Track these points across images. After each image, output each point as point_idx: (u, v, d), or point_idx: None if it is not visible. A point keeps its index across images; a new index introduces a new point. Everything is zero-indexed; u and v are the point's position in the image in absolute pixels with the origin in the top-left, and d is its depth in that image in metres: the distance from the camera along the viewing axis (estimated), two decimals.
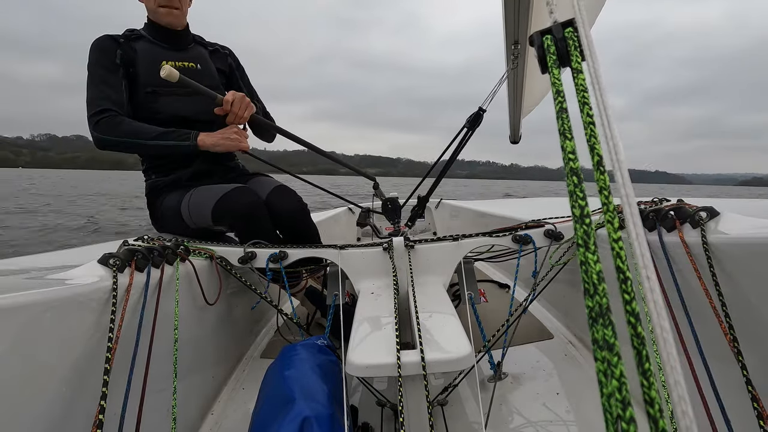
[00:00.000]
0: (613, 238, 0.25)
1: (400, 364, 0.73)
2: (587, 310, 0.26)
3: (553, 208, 1.71)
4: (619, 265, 0.25)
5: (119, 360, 0.67)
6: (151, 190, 1.65)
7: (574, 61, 0.30)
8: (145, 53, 1.56)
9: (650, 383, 0.22)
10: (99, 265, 0.84)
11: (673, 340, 0.22)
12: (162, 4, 1.56)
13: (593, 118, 0.28)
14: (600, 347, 0.25)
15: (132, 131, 1.43)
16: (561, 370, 1.21)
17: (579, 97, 0.29)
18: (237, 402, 1.19)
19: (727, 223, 0.81)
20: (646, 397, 0.22)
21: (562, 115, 0.29)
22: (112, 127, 1.42)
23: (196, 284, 1.08)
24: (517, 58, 1.56)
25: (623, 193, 0.25)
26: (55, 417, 0.62)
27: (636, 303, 0.24)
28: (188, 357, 1.01)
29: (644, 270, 0.23)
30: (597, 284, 0.25)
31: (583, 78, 0.29)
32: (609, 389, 0.24)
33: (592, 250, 0.25)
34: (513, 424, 1.00)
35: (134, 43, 1.55)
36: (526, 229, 1.26)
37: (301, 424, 0.72)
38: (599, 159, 0.27)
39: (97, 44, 1.51)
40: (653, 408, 0.22)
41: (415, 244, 1.23)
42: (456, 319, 0.90)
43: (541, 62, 0.32)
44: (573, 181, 0.27)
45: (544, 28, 0.32)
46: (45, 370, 0.63)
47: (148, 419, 0.69)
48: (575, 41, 0.30)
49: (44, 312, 0.63)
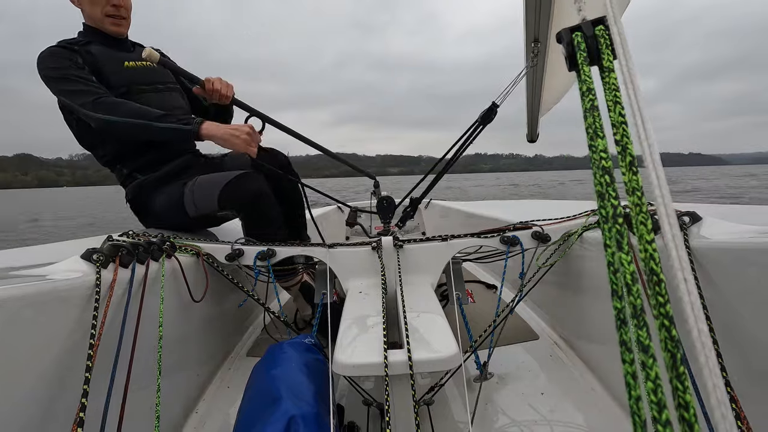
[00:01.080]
0: (646, 240, 0.25)
1: (387, 364, 0.73)
2: (615, 312, 0.26)
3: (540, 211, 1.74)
4: (653, 267, 0.24)
5: (102, 357, 0.64)
6: (138, 190, 1.59)
7: (605, 60, 0.29)
8: (104, 56, 1.50)
9: (685, 387, 0.22)
10: (82, 260, 0.81)
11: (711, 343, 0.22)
12: (109, 14, 1.51)
13: (625, 117, 0.27)
14: (628, 349, 0.24)
15: (135, 111, 1.37)
16: (546, 370, 1.23)
17: (610, 96, 0.28)
18: (222, 400, 1.17)
19: (709, 228, 0.84)
20: (681, 400, 0.22)
21: (594, 113, 0.28)
22: (113, 106, 1.36)
23: (182, 281, 1.05)
24: (536, 56, 1.55)
25: (659, 194, 0.25)
26: (34, 415, 0.60)
27: (670, 305, 0.24)
28: (173, 355, 0.98)
29: (680, 272, 0.23)
30: (631, 285, 0.24)
31: (615, 77, 0.29)
32: (638, 392, 0.23)
33: (625, 251, 0.25)
34: (498, 424, 1.01)
35: (87, 47, 1.49)
36: (514, 230, 1.28)
37: (288, 423, 0.71)
38: (632, 159, 0.26)
39: (50, 54, 1.42)
40: (688, 412, 0.21)
41: (404, 244, 1.22)
42: (443, 319, 0.90)
43: (570, 60, 0.32)
44: (605, 180, 0.27)
45: (573, 25, 0.32)
46: (24, 366, 0.60)
47: (131, 418, 0.67)
48: (607, 39, 0.30)
49: (23, 307, 0.60)
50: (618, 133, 0.27)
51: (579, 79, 0.30)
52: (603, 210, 0.27)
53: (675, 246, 0.24)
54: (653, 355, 0.23)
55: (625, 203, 0.28)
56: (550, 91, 1.94)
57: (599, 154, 0.27)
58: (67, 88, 1.39)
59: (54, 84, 1.41)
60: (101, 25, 1.53)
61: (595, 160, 0.28)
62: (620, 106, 0.28)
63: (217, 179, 1.46)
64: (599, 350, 1.17)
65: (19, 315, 0.59)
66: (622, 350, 0.24)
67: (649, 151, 0.25)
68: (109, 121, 1.36)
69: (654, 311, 0.24)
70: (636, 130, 0.27)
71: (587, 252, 1.17)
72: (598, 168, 0.28)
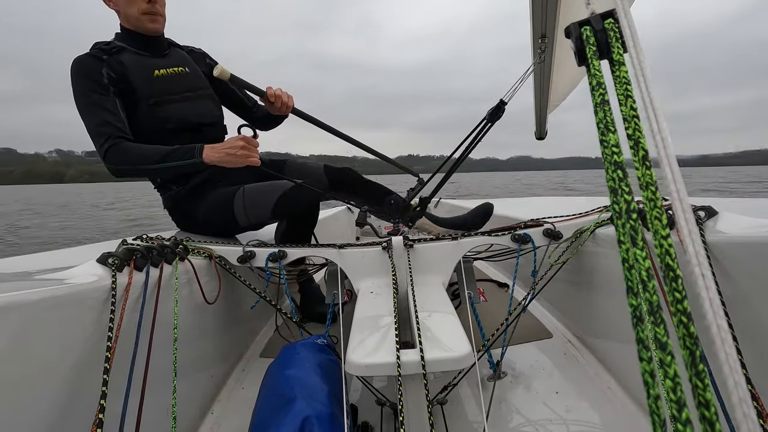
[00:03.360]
0: (662, 235, 0.25)
1: (399, 364, 0.73)
2: (630, 309, 0.25)
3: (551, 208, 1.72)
4: (669, 262, 0.24)
5: (118, 359, 0.65)
6: (174, 200, 1.63)
7: (615, 53, 0.29)
8: (135, 65, 1.50)
9: (705, 384, 0.21)
10: (98, 264, 0.82)
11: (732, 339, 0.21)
12: (146, 11, 1.51)
13: (637, 111, 0.27)
14: (646, 347, 0.24)
15: (138, 157, 1.39)
16: (560, 369, 1.22)
17: (621, 89, 0.28)
18: (237, 401, 1.18)
19: (725, 223, 0.82)
20: (701, 399, 0.21)
21: (604, 107, 0.28)
22: (119, 156, 1.38)
23: (195, 284, 1.07)
24: (543, 52, 1.54)
25: (674, 188, 0.24)
26: (54, 417, 0.61)
27: (687, 301, 0.23)
28: (188, 356, 0.99)
29: (698, 267, 0.23)
30: (646, 281, 0.24)
31: (626, 70, 0.28)
32: (656, 390, 0.23)
33: (640, 246, 0.24)
34: (513, 423, 1.00)
35: (118, 56, 1.49)
36: (525, 228, 1.27)
37: (302, 423, 0.71)
38: (645, 154, 0.26)
39: (78, 66, 1.43)
40: (709, 411, 0.21)
41: (415, 243, 1.22)
42: (455, 318, 0.90)
43: (579, 54, 0.31)
44: (617, 176, 0.26)
45: (582, 19, 0.32)
46: (44, 369, 0.61)
47: (148, 418, 0.68)
48: (617, 32, 0.29)
49: (43, 311, 0.61)
50: (630, 127, 0.27)
51: (589, 73, 0.30)
52: (616, 206, 0.27)
53: (692, 241, 0.23)
54: (671, 353, 0.22)
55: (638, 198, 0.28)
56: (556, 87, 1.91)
57: (611, 148, 0.27)
58: (88, 124, 1.41)
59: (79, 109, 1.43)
60: (138, 24, 1.52)
61: (607, 155, 0.27)
62: (632, 100, 0.27)
63: (269, 189, 1.49)
64: (615, 348, 1.16)
65: (38, 318, 0.61)
66: (639, 348, 0.24)
67: (662, 144, 0.25)
68: (119, 171, 1.40)
69: (671, 308, 0.24)
70: (648, 124, 0.26)
71: (600, 249, 1.16)
72: (610, 163, 0.27)
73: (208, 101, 1.70)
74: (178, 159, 1.37)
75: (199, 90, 1.67)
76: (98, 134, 1.40)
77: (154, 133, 1.50)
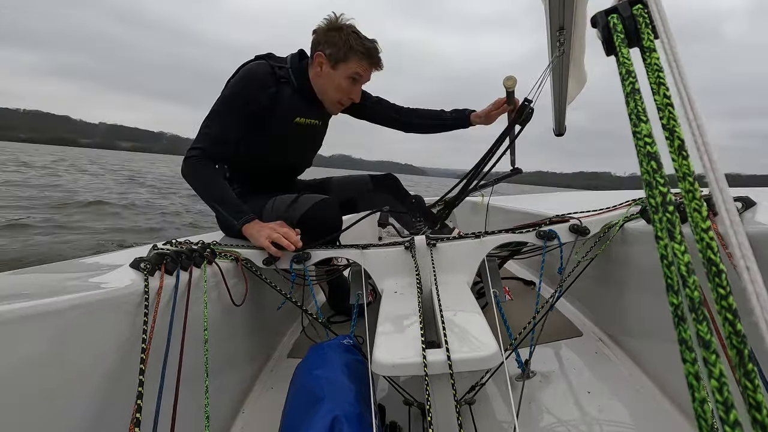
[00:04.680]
0: (702, 228, 0.23)
1: (426, 363, 0.72)
2: (671, 308, 0.24)
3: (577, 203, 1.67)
4: (711, 257, 0.23)
5: (152, 360, 0.67)
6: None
7: (645, 40, 0.28)
8: (287, 104, 1.53)
9: (755, 385, 0.20)
10: (131, 269, 0.86)
11: None
12: (341, 102, 1.59)
13: (671, 99, 0.26)
14: (689, 348, 0.23)
15: (201, 184, 1.41)
16: (592, 368, 1.18)
17: (653, 77, 0.27)
18: (267, 401, 1.20)
19: (764, 214, 0.79)
20: (751, 400, 0.20)
21: (635, 96, 0.27)
22: (191, 171, 1.41)
23: (223, 286, 1.09)
24: (562, 44, 1.49)
25: (712, 178, 0.23)
26: (91, 417, 0.63)
27: (732, 298, 0.22)
28: (218, 357, 1.02)
29: (742, 260, 0.21)
30: (686, 277, 0.23)
31: (657, 56, 0.27)
32: (702, 393, 0.22)
33: (678, 240, 0.23)
34: (543, 423, 0.98)
35: (285, 86, 1.51)
36: (551, 224, 1.24)
37: (331, 422, 0.72)
38: (681, 143, 0.25)
39: (250, 75, 1.46)
40: (761, 413, 0.20)
41: (437, 242, 1.21)
42: (481, 316, 0.89)
43: (607, 44, 0.30)
44: (651, 167, 0.25)
45: (608, 7, 0.30)
46: (83, 370, 0.64)
47: (181, 418, 0.70)
48: (646, 18, 0.28)
49: (80, 315, 0.64)
50: (664, 117, 0.26)
51: (618, 62, 0.29)
52: (652, 199, 0.26)
53: (734, 233, 0.22)
54: (716, 351, 0.21)
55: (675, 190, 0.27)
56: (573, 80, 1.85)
57: (644, 139, 0.26)
58: (208, 122, 1.45)
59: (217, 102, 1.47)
60: (324, 98, 1.57)
61: (640, 147, 0.26)
62: (665, 87, 0.26)
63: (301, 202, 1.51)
64: (649, 346, 1.11)
65: (76, 322, 0.63)
66: (682, 349, 0.23)
67: (699, 133, 0.24)
68: (184, 177, 1.43)
69: (716, 305, 0.23)
70: (684, 111, 0.25)
71: (630, 243, 1.12)
72: (644, 155, 0.26)
73: (315, 150, 1.78)
74: (227, 211, 1.38)
75: (316, 141, 1.74)
76: (201, 139, 1.42)
77: (253, 158, 1.56)
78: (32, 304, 0.59)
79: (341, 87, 1.53)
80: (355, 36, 1.48)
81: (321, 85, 1.54)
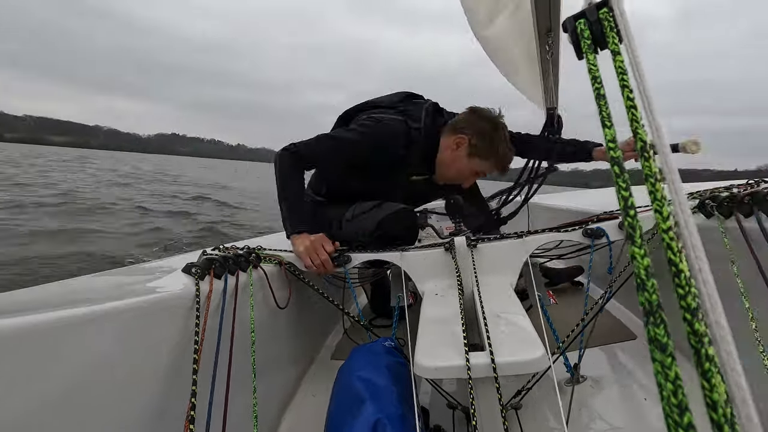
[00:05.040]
0: (662, 228, 0.24)
1: (469, 366, 0.71)
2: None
3: None
4: (671, 257, 0.23)
5: (203, 361, 0.73)
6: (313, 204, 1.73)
7: (611, 43, 0.28)
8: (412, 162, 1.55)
9: (711, 385, 0.20)
10: (183, 273, 0.92)
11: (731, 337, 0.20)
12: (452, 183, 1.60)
13: (634, 101, 0.26)
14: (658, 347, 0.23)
15: (280, 179, 1.44)
16: (648, 373, 1.10)
17: (619, 80, 0.27)
18: (312, 402, 1.24)
19: None
20: (708, 400, 0.20)
21: (600, 102, 0.27)
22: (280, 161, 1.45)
23: (268, 289, 1.14)
24: (551, 48, 1.43)
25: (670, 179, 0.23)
26: (152, 413, 0.69)
27: (691, 298, 0.22)
28: (265, 359, 1.06)
29: (696, 261, 0.21)
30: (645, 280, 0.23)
31: (622, 60, 0.27)
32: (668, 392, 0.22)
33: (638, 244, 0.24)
34: (595, 430, 0.93)
35: (415, 149, 1.53)
36: (598, 221, 1.17)
37: (374, 424, 0.73)
38: (643, 145, 0.25)
39: (391, 134, 1.47)
40: (716, 413, 0.20)
41: (478, 243, 1.20)
42: (526, 318, 0.86)
43: (576, 48, 0.30)
44: (615, 171, 0.26)
45: (578, 12, 0.31)
46: (143, 369, 0.70)
47: (231, 417, 0.74)
48: (611, 22, 0.28)
49: (136, 318, 0.70)
50: (629, 118, 0.26)
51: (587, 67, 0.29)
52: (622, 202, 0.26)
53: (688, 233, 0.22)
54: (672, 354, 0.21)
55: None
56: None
57: (608, 144, 0.26)
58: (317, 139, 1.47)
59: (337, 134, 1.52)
60: (441, 172, 1.58)
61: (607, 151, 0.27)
62: (628, 90, 0.26)
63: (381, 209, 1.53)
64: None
65: (133, 325, 0.69)
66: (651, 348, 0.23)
67: (657, 135, 0.24)
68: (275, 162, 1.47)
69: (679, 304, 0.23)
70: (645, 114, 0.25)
71: None
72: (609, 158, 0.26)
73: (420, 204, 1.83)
74: (288, 215, 1.41)
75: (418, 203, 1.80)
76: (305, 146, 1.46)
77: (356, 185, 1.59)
78: (96, 308, 0.64)
79: (464, 175, 1.53)
80: (505, 144, 1.47)
81: (447, 159, 1.53)
